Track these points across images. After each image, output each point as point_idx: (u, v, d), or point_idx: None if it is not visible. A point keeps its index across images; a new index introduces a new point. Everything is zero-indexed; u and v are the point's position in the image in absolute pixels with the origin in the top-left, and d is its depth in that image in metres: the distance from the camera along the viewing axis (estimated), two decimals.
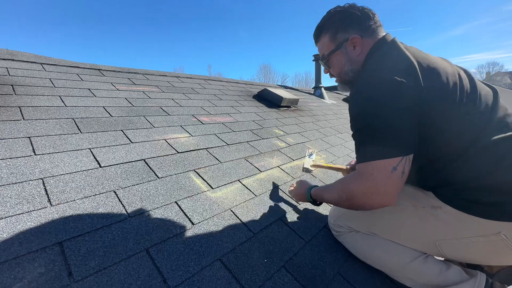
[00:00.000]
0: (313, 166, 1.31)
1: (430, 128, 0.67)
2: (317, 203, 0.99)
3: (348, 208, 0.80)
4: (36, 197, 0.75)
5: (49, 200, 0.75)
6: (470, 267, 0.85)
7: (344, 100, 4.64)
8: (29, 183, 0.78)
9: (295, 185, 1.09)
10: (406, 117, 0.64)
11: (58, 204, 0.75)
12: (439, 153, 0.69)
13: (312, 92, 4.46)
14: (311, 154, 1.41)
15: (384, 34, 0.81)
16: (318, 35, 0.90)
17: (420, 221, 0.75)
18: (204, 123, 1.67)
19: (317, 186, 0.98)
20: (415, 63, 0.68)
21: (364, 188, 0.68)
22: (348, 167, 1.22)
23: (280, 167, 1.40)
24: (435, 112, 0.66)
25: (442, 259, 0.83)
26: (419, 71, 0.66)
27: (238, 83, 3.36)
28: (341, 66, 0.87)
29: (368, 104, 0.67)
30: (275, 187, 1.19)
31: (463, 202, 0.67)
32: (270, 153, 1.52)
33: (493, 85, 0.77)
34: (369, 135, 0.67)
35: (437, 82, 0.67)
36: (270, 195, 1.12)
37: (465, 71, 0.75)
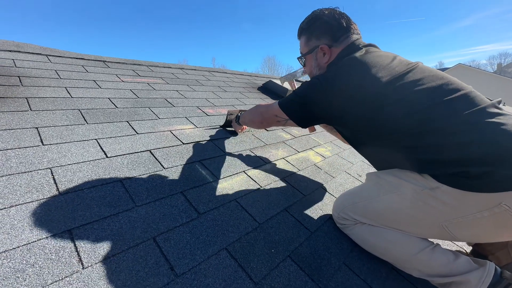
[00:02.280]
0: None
1: (390, 115, 0.77)
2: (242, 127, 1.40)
3: (249, 120, 1.27)
4: (45, 186, 0.76)
5: (57, 189, 0.76)
6: (479, 257, 0.84)
7: None
8: (37, 172, 0.79)
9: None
10: (308, 107, 0.92)
11: (67, 193, 0.76)
12: (420, 129, 0.72)
13: None
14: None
15: (350, 42, 0.94)
16: (298, 34, 1.07)
17: (422, 205, 0.74)
18: (209, 114, 1.67)
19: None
20: (352, 79, 0.82)
21: (261, 111, 1.14)
22: None
23: (285, 158, 1.39)
24: (386, 106, 0.76)
25: (451, 249, 0.82)
26: (353, 86, 0.81)
27: (243, 75, 3.32)
28: (311, 68, 1.05)
29: (304, 88, 0.94)
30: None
31: (454, 178, 0.67)
32: (275, 145, 1.52)
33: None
34: (291, 96, 0.98)
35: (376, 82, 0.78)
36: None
37: (420, 69, 0.81)
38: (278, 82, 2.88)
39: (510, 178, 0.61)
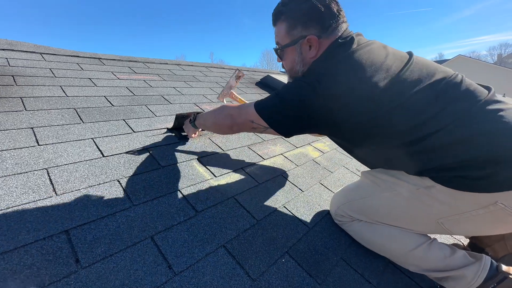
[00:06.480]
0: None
1: (388, 123, 0.71)
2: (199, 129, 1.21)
3: (213, 123, 1.05)
4: (42, 186, 0.76)
5: (54, 190, 0.76)
6: (476, 251, 0.85)
7: None
8: (34, 173, 0.79)
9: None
10: (295, 115, 0.78)
11: (63, 193, 0.76)
12: (417, 135, 0.69)
13: None
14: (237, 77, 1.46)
15: (341, 33, 0.81)
16: (275, 19, 0.87)
17: (418, 203, 0.74)
18: (206, 111, 1.65)
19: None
20: (350, 75, 0.72)
21: (231, 113, 0.93)
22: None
23: (284, 154, 1.39)
24: (386, 111, 0.70)
25: (447, 243, 0.83)
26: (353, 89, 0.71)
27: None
28: (293, 63, 0.88)
29: (291, 92, 0.80)
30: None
31: (452, 179, 0.66)
32: (273, 141, 1.51)
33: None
34: (273, 101, 0.82)
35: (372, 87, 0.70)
36: None
37: (418, 63, 0.76)
38: (277, 76, 2.86)
39: (508, 179, 0.61)
